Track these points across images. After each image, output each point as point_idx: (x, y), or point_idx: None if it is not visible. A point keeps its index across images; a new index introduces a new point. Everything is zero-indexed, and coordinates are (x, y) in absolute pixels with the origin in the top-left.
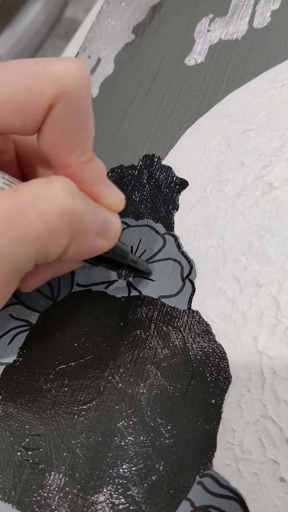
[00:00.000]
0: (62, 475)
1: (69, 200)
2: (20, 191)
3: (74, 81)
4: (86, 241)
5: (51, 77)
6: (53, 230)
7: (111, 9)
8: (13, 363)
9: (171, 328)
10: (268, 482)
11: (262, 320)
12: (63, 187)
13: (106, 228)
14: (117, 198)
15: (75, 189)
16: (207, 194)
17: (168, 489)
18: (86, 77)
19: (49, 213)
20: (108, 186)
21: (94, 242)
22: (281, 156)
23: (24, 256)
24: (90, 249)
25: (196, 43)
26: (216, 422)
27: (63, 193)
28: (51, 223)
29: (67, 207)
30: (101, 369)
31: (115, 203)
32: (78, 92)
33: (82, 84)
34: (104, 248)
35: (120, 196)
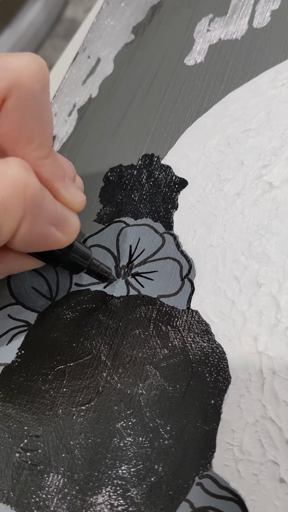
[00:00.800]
0: (60, 476)
1: (23, 173)
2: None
3: (27, 74)
4: (40, 224)
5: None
6: (4, 201)
7: (110, 9)
8: (11, 363)
9: (170, 328)
10: (267, 483)
11: (262, 320)
12: (18, 163)
13: (63, 221)
14: (76, 198)
15: (29, 168)
16: (206, 193)
17: (167, 490)
18: (42, 71)
19: (2, 184)
20: (68, 185)
21: (49, 230)
22: (280, 155)
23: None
24: (44, 237)
25: (196, 43)
26: (216, 422)
27: (17, 168)
28: (3, 194)
29: (20, 179)
30: (99, 370)
31: (72, 202)
32: (32, 85)
33: (36, 78)
34: (61, 241)
35: (80, 196)
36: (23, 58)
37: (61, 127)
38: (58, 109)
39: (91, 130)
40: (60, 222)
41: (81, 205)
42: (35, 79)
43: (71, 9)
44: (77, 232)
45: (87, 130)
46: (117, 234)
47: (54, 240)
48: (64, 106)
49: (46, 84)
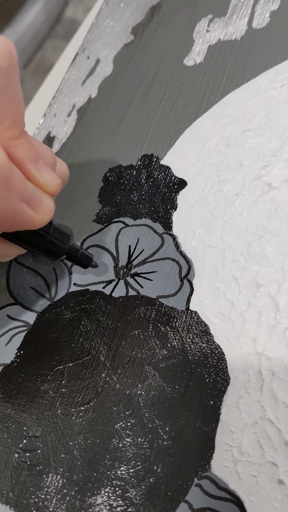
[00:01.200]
0: (59, 477)
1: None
2: None
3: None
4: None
5: None
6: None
7: (110, 9)
8: (10, 364)
9: (169, 329)
10: (266, 484)
11: (261, 321)
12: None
13: (36, 200)
14: (50, 180)
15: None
16: (205, 194)
17: (166, 491)
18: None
19: None
20: (41, 167)
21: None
22: (280, 156)
23: None
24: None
25: (195, 43)
26: (215, 423)
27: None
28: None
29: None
30: (98, 370)
31: (45, 183)
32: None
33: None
34: (34, 220)
35: (54, 179)
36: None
37: (60, 127)
38: (57, 109)
39: (90, 131)
40: (32, 201)
41: (54, 187)
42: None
43: (71, 9)
44: (51, 212)
45: (86, 131)
46: (116, 235)
47: (26, 218)
48: (64, 106)
49: (14, 63)
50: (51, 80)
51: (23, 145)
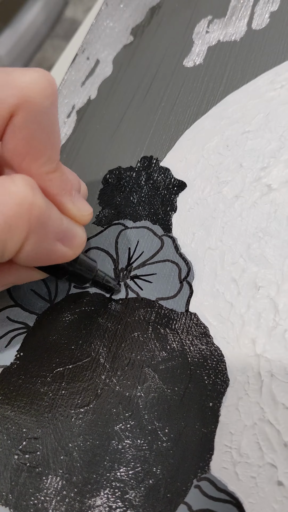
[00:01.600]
0: (59, 479)
1: (28, 191)
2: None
3: (36, 90)
4: (45, 242)
5: (13, 85)
6: (9, 220)
7: (109, 10)
8: (10, 365)
9: (169, 331)
10: (265, 486)
11: (260, 323)
12: (24, 181)
13: (70, 236)
14: (83, 211)
15: (35, 185)
16: (205, 195)
17: (165, 492)
18: (51, 87)
19: (7, 203)
20: (75, 199)
21: (55, 246)
22: (279, 157)
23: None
24: (49, 252)
25: (195, 44)
26: (214, 425)
27: (23, 186)
28: (8, 213)
29: (25, 197)
30: (98, 372)
31: (79, 215)
32: (41, 101)
33: (45, 94)
34: (67, 255)
35: (87, 209)
36: (32, 74)
37: (60, 129)
38: None
39: (90, 132)
40: (66, 237)
41: (88, 218)
42: (44, 95)
43: (71, 9)
44: (83, 245)
45: (86, 132)
46: (116, 237)
47: (60, 255)
48: (63, 107)
49: (55, 100)
50: None
51: (58, 178)
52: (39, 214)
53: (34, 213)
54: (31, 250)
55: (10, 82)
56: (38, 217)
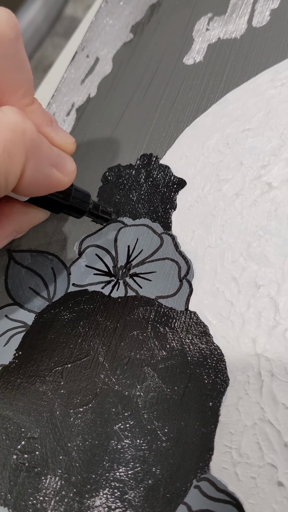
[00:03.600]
0: (58, 479)
1: (19, 118)
2: None
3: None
4: (42, 165)
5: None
6: (7, 147)
7: (109, 8)
8: (9, 364)
9: (168, 329)
10: (266, 487)
11: (261, 322)
12: (12, 110)
13: (61, 162)
14: (67, 139)
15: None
16: (205, 193)
17: (164, 493)
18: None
19: (2, 132)
20: (56, 129)
21: (51, 170)
22: (280, 155)
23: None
24: (47, 178)
25: (195, 42)
26: (214, 425)
27: (13, 114)
28: (5, 140)
29: (18, 124)
30: (97, 371)
31: (64, 143)
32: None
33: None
34: (63, 181)
35: (70, 137)
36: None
37: None
38: (56, 108)
39: (89, 130)
40: (59, 163)
41: (72, 146)
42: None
43: (71, 7)
44: (75, 172)
45: (85, 130)
46: (115, 234)
47: (56, 181)
48: (63, 105)
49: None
50: (50, 79)
51: (37, 110)
52: (32, 138)
53: (28, 137)
54: (31, 176)
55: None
56: (32, 140)
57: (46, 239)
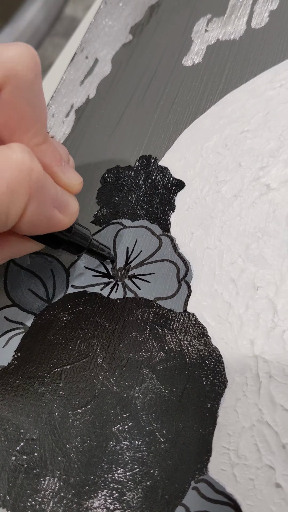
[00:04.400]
0: (56, 480)
1: (27, 157)
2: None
3: (21, 64)
4: (44, 207)
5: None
6: (11, 186)
7: (108, 9)
8: (8, 366)
9: (167, 331)
10: (263, 488)
11: (259, 323)
12: (21, 148)
13: (64, 203)
14: (74, 180)
15: (32, 154)
16: (203, 195)
17: (163, 494)
18: (34, 60)
19: (8, 169)
20: (64, 168)
21: (53, 212)
22: (278, 157)
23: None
24: (48, 219)
25: (194, 43)
26: (212, 426)
27: (21, 153)
28: (10, 179)
29: (25, 163)
30: (96, 372)
31: (70, 184)
32: (26, 74)
33: (29, 67)
34: (63, 222)
35: (77, 178)
36: (15, 48)
37: (58, 128)
38: (55, 110)
39: (88, 131)
40: (62, 204)
41: (78, 186)
42: (29, 68)
43: (70, 7)
44: (77, 213)
45: (84, 131)
46: (114, 236)
47: (57, 222)
48: (62, 107)
49: (39, 72)
50: (49, 80)
51: (48, 149)
52: (38, 178)
53: (33, 177)
54: (31, 216)
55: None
56: (37, 181)
57: None
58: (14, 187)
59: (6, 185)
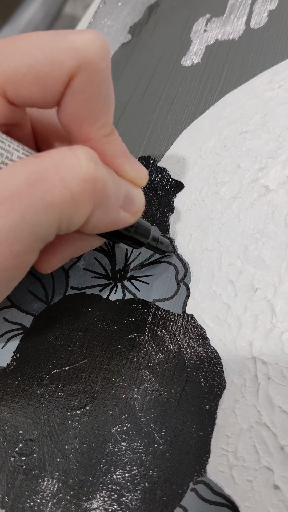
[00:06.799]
0: (55, 481)
1: (92, 167)
2: (42, 157)
3: (94, 51)
4: (109, 212)
5: (71, 48)
6: (75, 196)
7: (107, 8)
8: (6, 367)
9: (166, 332)
10: (262, 490)
11: (257, 325)
12: (86, 155)
13: (129, 201)
14: (140, 172)
15: (97, 158)
16: (202, 196)
17: (161, 495)
18: (106, 48)
19: (72, 179)
20: (130, 160)
21: (118, 214)
22: (277, 158)
23: (46, 223)
24: (113, 221)
25: (193, 43)
26: (210, 428)
27: (86, 160)
28: (74, 189)
29: (90, 174)
30: (95, 374)
31: (137, 177)
32: (98, 62)
33: (102, 55)
34: (128, 221)
35: (143, 170)
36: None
37: None
38: None
39: None
40: (127, 203)
41: (146, 179)
42: (101, 56)
43: (70, 6)
44: (143, 208)
45: None
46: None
47: (122, 222)
48: None
49: (109, 61)
50: None
51: (115, 141)
52: (103, 188)
53: (98, 188)
54: (96, 222)
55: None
56: (102, 191)
57: None
58: (78, 197)
59: (70, 195)
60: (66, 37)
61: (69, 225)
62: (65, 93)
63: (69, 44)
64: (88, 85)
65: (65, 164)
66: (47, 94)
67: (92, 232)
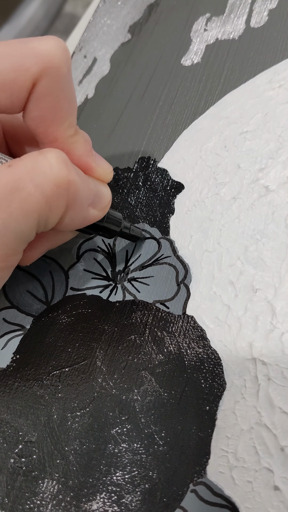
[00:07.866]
0: (55, 483)
1: (64, 171)
2: (15, 165)
3: (57, 56)
4: (80, 211)
5: (35, 54)
6: (50, 200)
7: (107, 7)
8: (6, 368)
9: (166, 334)
10: (262, 491)
11: (257, 326)
12: (57, 159)
13: (98, 199)
14: (106, 169)
15: (68, 160)
16: (202, 197)
17: (161, 497)
18: (67, 53)
19: (47, 184)
20: (96, 158)
21: (88, 212)
22: (277, 158)
23: (27, 228)
24: (83, 219)
25: (193, 42)
26: (210, 429)
27: (58, 165)
28: (49, 194)
29: (63, 178)
30: (95, 375)
31: (104, 174)
32: (62, 66)
33: (64, 60)
34: (97, 217)
35: (108, 166)
36: (49, 41)
37: None
38: None
39: (87, 132)
40: (96, 201)
41: (111, 175)
42: (63, 60)
43: (70, 4)
44: (110, 204)
45: None
46: (114, 239)
47: (92, 218)
48: None
49: (70, 65)
50: None
51: (80, 140)
52: (75, 191)
53: (71, 191)
54: (69, 221)
55: (31, 51)
56: (74, 193)
57: None
58: (52, 201)
59: (45, 200)
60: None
61: (45, 225)
62: (29, 98)
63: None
64: (52, 89)
65: (38, 170)
66: (14, 100)
67: (65, 230)
